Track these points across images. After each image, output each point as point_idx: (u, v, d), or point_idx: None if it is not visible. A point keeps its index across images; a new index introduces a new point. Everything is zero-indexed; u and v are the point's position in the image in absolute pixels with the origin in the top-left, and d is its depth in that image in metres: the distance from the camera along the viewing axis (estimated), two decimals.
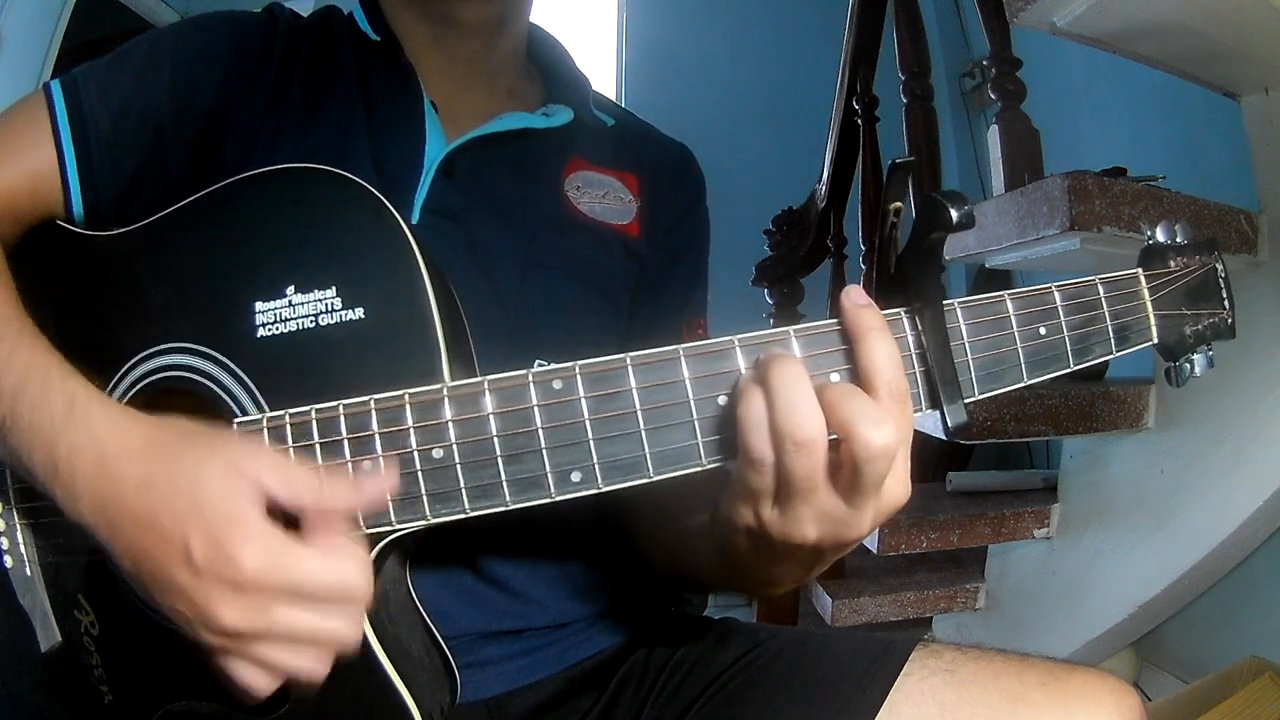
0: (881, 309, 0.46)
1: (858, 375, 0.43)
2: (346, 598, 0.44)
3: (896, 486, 0.44)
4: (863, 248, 1.81)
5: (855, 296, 0.44)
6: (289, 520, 0.44)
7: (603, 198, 0.74)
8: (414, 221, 0.65)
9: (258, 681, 0.44)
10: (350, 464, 0.45)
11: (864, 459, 0.40)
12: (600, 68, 3.20)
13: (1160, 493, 1.45)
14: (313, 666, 0.44)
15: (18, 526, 0.57)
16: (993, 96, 1.48)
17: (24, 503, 0.57)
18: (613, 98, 0.84)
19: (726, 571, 0.54)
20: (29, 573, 0.57)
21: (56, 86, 0.62)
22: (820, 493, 0.42)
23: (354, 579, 0.43)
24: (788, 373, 0.41)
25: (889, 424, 0.40)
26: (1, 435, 0.48)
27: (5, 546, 0.57)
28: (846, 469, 0.42)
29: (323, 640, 0.44)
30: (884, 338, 0.43)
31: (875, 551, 1.56)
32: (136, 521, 0.43)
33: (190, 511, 0.42)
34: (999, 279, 2.11)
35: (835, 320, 0.45)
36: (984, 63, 1.77)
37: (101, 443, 0.45)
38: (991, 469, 2.00)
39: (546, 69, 0.80)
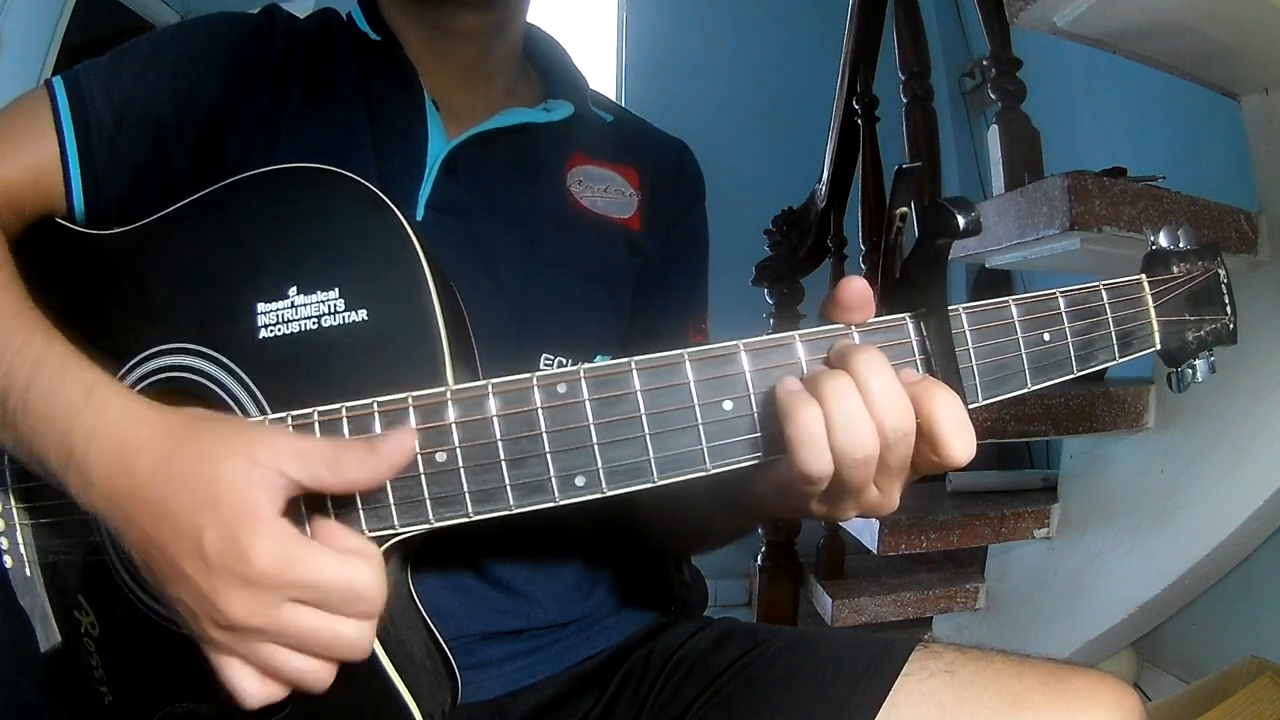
0: (886, 314, 0.46)
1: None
2: (359, 602, 0.42)
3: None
4: (863, 248, 1.81)
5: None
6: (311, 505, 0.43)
7: (604, 192, 0.74)
8: (418, 218, 0.65)
9: (251, 687, 0.43)
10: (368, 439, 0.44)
11: (949, 467, 0.44)
12: (600, 67, 3.20)
13: (1160, 493, 1.45)
14: (317, 673, 0.43)
15: (18, 526, 0.57)
16: (993, 96, 1.48)
17: (24, 502, 0.57)
18: (612, 97, 0.84)
19: (742, 525, 0.57)
20: (29, 573, 0.57)
21: (59, 82, 0.62)
22: (868, 489, 0.45)
23: (368, 582, 0.42)
24: (841, 387, 0.42)
25: (972, 439, 0.43)
26: (13, 425, 0.47)
27: (5, 547, 0.57)
28: (897, 467, 0.44)
29: (330, 645, 0.43)
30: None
31: (875, 551, 1.56)
32: (150, 510, 0.43)
33: (205, 503, 0.41)
34: (999, 279, 2.11)
35: (841, 326, 0.46)
36: (984, 63, 1.77)
37: (118, 429, 0.44)
38: (991, 469, 2.00)
39: (544, 67, 0.80)
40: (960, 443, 0.43)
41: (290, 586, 0.41)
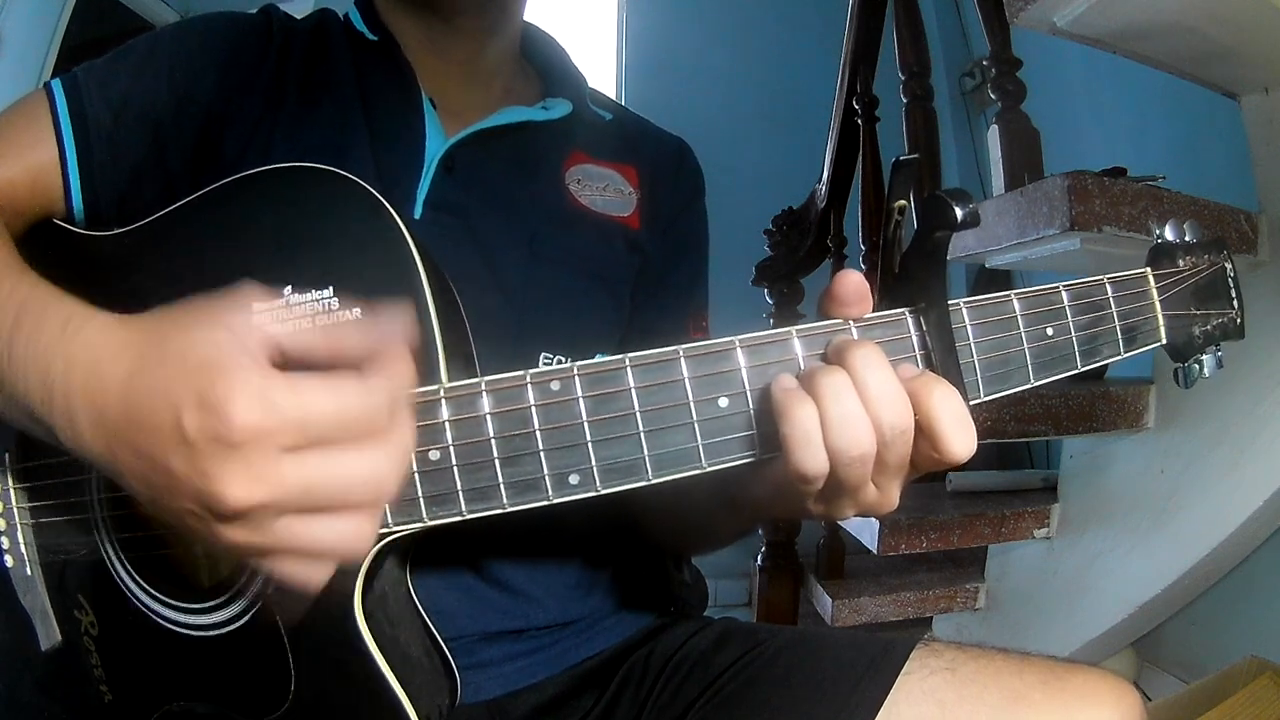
0: (886, 309, 0.46)
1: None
2: (361, 426, 0.37)
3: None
4: (863, 248, 1.81)
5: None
6: None
7: (603, 190, 0.74)
8: (416, 216, 0.65)
9: (300, 571, 0.38)
10: None
11: (950, 464, 0.43)
12: (600, 67, 3.20)
13: (1160, 493, 1.45)
14: (349, 531, 0.38)
15: (18, 526, 0.57)
16: (993, 96, 1.48)
17: (25, 502, 0.57)
18: (612, 97, 0.84)
19: (742, 526, 0.56)
20: (29, 572, 0.57)
21: (58, 84, 0.63)
22: (866, 488, 0.44)
23: (365, 402, 0.37)
24: (837, 384, 0.42)
25: (973, 434, 0.43)
26: (1, 378, 0.44)
27: (6, 546, 0.57)
28: (895, 465, 0.44)
29: (348, 489, 0.37)
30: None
31: (875, 551, 1.56)
32: (130, 415, 0.38)
33: (177, 379, 0.37)
34: (999, 279, 2.11)
35: (839, 321, 0.45)
36: (984, 63, 1.77)
37: (92, 349, 0.41)
38: (991, 469, 2.00)
39: (543, 66, 0.80)
40: (960, 439, 0.42)
41: (280, 433, 0.36)
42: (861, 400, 0.42)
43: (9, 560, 0.57)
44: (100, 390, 0.39)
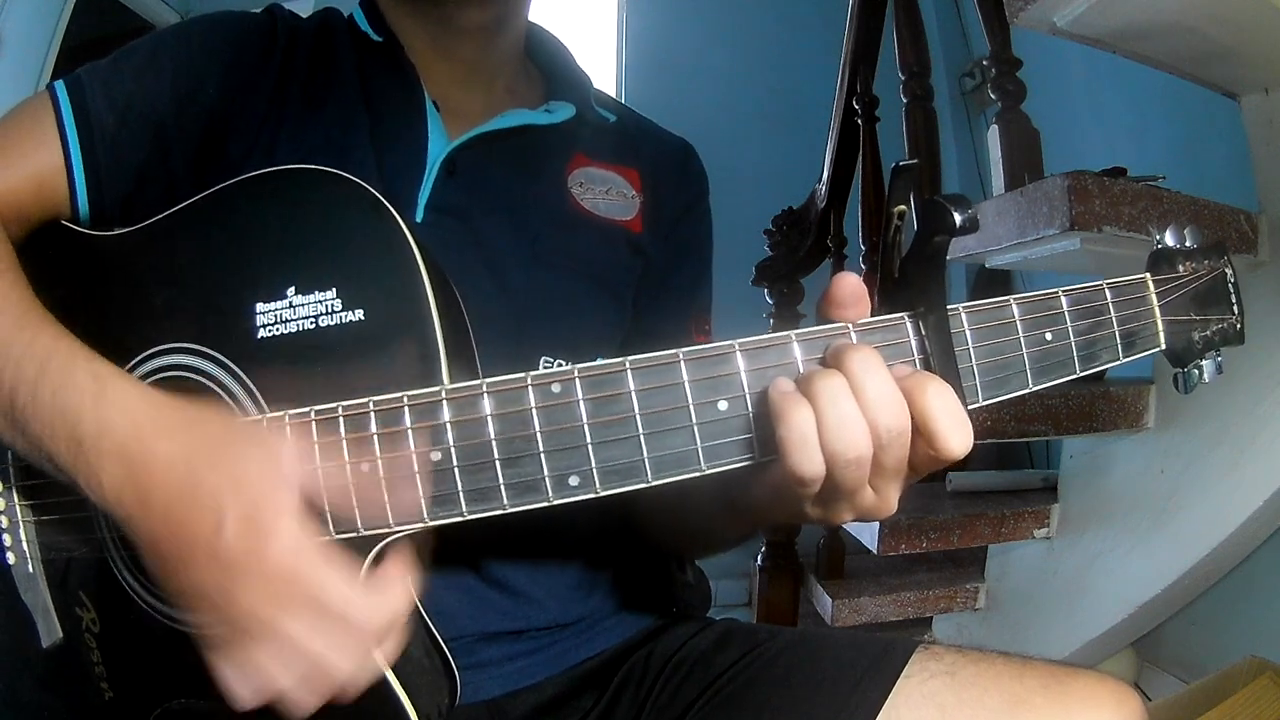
0: (885, 313, 0.46)
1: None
2: (348, 633, 0.42)
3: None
4: (863, 248, 1.81)
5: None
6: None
7: (606, 193, 0.74)
8: (418, 219, 0.65)
9: (244, 691, 0.43)
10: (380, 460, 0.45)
11: (947, 462, 0.43)
12: (600, 67, 3.20)
13: (1160, 493, 1.45)
14: (302, 692, 0.42)
15: (20, 523, 0.57)
16: (993, 96, 1.48)
17: (27, 499, 0.57)
18: (613, 96, 0.84)
19: (742, 530, 0.58)
20: (31, 569, 0.57)
21: (61, 86, 0.63)
22: (863, 491, 0.44)
23: (363, 615, 0.42)
24: (833, 387, 0.42)
25: (969, 431, 0.43)
26: (21, 423, 0.47)
27: (7, 543, 0.57)
28: (892, 467, 0.44)
29: (315, 669, 0.42)
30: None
31: (875, 551, 1.56)
32: (168, 494, 0.42)
33: (229, 488, 0.41)
34: (999, 279, 2.11)
35: (838, 325, 0.45)
36: (984, 63, 1.77)
37: (136, 418, 0.44)
38: (991, 469, 2.00)
39: (546, 67, 0.80)
40: (956, 435, 0.42)
41: (299, 586, 0.41)
42: (858, 403, 0.42)
43: (10, 557, 0.57)
44: (141, 459, 0.43)
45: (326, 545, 0.42)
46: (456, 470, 0.44)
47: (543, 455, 0.44)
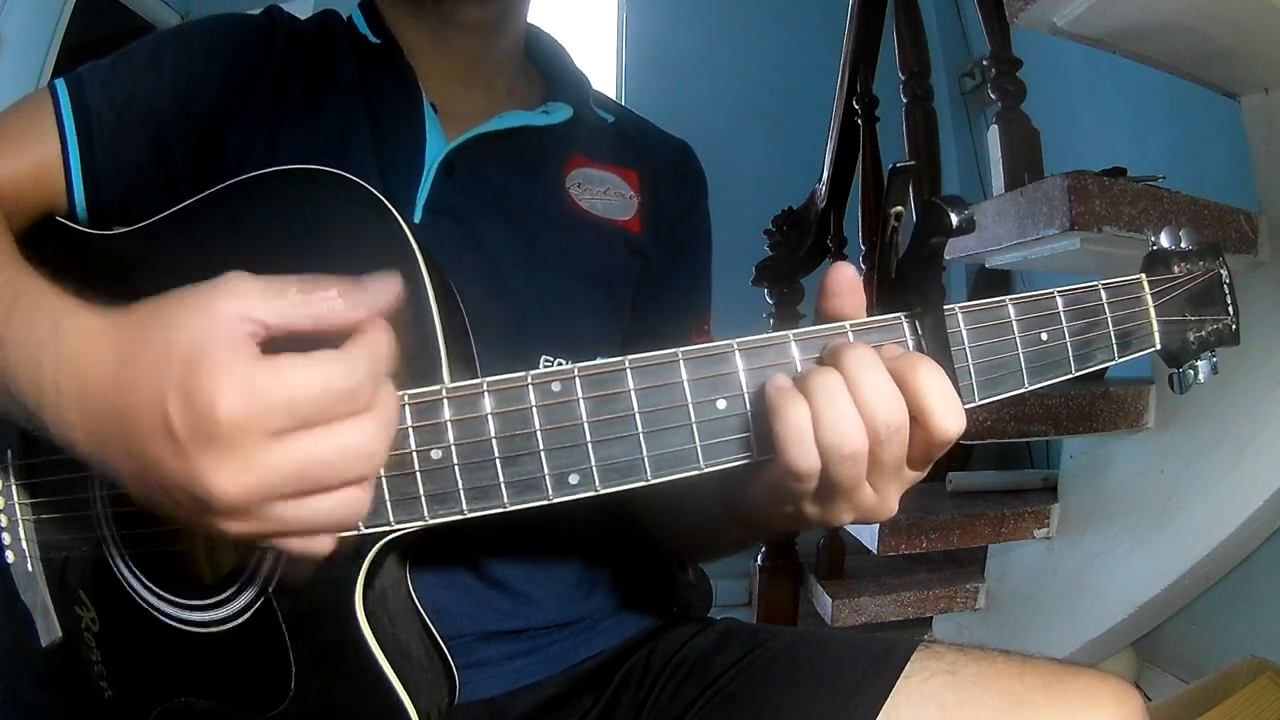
0: (882, 313, 0.46)
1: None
2: (344, 401, 0.37)
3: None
4: (863, 248, 1.81)
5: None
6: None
7: (604, 194, 0.74)
8: (416, 220, 0.65)
9: (304, 546, 0.38)
10: None
11: (940, 444, 0.43)
12: (600, 67, 3.20)
13: (1160, 493, 1.45)
14: (346, 504, 0.38)
15: (20, 521, 0.57)
16: (993, 96, 1.48)
17: (27, 498, 0.57)
18: (612, 97, 0.84)
19: (742, 534, 0.57)
20: (31, 568, 0.57)
21: (61, 83, 0.63)
22: (862, 489, 0.44)
23: (347, 375, 0.37)
24: (830, 384, 0.42)
25: (961, 411, 0.43)
26: None
27: (7, 542, 0.57)
28: (891, 465, 0.44)
29: (341, 464, 0.37)
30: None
31: (875, 551, 1.56)
32: (116, 412, 0.37)
33: (160, 371, 0.36)
34: (999, 279, 2.11)
35: (836, 325, 0.45)
36: (984, 63, 1.77)
37: (81, 344, 0.39)
38: (991, 469, 2.00)
39: (545, 68, 0.80)
40: (948, 414, 0.42)
41: (266, 420, 0.35)
42: (854, 400, 0.42)
43: (10, 556, 0.57)
44: (87, 387, 0.38)
45: (286, 358, 0.36)
46: (457, 468, 0.44)
47: (543, 453, 0.44)
